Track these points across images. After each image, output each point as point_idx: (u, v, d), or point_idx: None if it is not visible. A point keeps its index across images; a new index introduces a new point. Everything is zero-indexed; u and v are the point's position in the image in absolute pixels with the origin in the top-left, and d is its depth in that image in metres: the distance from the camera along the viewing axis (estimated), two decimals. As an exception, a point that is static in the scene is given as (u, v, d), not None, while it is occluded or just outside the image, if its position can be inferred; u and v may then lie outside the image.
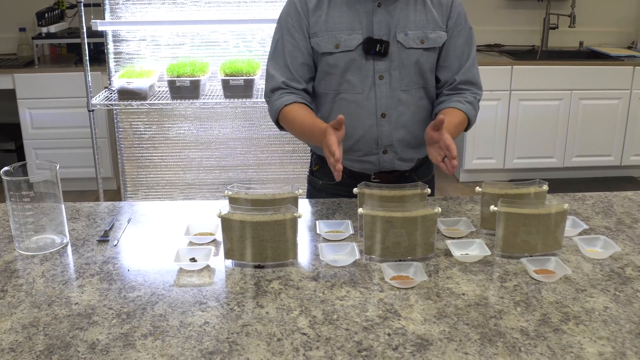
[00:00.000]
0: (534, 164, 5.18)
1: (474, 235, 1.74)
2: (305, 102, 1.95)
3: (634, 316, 1.35)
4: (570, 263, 1.59)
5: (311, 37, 1.93)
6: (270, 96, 1.99)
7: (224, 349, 1.23)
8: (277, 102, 1.95)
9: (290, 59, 1.95)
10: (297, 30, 1.94)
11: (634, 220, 1.87)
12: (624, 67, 5.03)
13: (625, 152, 5.22)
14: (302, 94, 1.97)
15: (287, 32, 1.95)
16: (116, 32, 3.62)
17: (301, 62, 1.95)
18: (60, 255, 1.63)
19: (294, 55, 1.95)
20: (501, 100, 4.98)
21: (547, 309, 1.38)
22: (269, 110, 2.02)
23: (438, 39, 1.94)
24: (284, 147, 3.79)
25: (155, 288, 1.46)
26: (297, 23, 1.94)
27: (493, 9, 5.54)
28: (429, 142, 1.80)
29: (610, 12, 5.67)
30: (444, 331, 1.29)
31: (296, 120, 1.91)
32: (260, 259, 1.55)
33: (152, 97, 3.56)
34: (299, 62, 1.95)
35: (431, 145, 1.78)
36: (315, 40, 1.93)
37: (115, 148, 3.88)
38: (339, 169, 1.60)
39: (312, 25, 1.93)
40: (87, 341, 1.26)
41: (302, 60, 1.95)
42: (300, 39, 1.94)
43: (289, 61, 1.95)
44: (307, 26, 1.93)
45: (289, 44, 1.95)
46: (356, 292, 1.44)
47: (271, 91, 1.98)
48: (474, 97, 2.00)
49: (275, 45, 1.99)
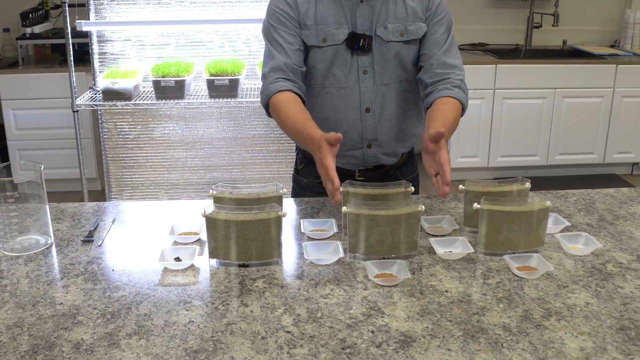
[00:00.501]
0: (518, 162, 5.22)
1: (457, 233, 1.76)
2: (300, 92, 1.90)
3: (614, 312, 1.37)
4: (552, 260, 1.60)
5: (302, 29, 1.94)
6: (267, 77, 1.92)
7: (209, 347, 1.24)
8: (271, 86, 1.90)
9: (287, 45, 1.92)
10: (289, 20, 1.93)
11: (615, 217, 1.89)
12: (606, 66, 5.07)
13: (608, 150, 5.27)
14: (298, 82, 1.92)
15: (279, 22, 1.94)
16: (101, 32, 3.62)
17: (296, 49, 1.93)
18: (45, 256, 1.63)
19: (289, 41, 1.92)
20: (485, 99, 5.01)
21: (529, 305, 1.39)
22: (261, 91, 1.95)
23: (418, 31, 1.95)
24: (268, 147, 3.80)
25: (139, 288, 1.47)
26: (288, 14, 1.93)
27: (477, 8, 5.57)
28: (425, 150, 1.71)
29: (593, 11, 5.72)
30: (427, 328, 1.30)
31: (288, 117, 1.84)
32: (245, 258, 1.56)
33: (136, 98, 3.56)
34: (295, 48, 1.93)
35: (427, 154, 1.69)
36: (304, 33, 1.93)
37: (100, 148, 3.87)
38: (338, 200, 1.56)
39: (302, 18, 1.93)
40: (71, 341, 1.26)
41: (297, 47, 1.93)
42: (293, 28, 1.93)
43: (286, 47, 1.92)
44: (297, 17, 1.93)
45: (283, 32, 1.93)
46: (340, 290, 1.45)
47: (270, 70, 1.92)
48: (459, 79, 1.95)
49: (271, 36, 1.95)
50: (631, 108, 5.18)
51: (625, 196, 2.05)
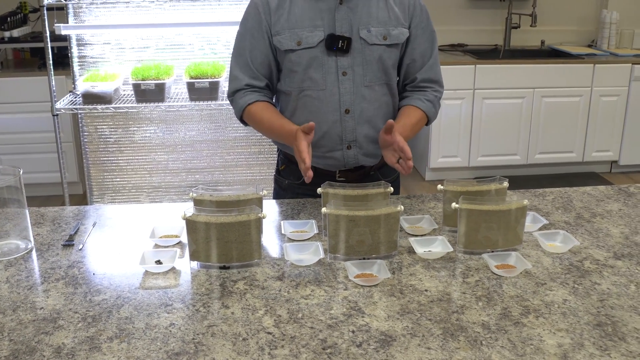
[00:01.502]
0: (498, 161, 5.25)
1: (436, 232, 1.77)
2: (267, 99, 2.02)
3: (592, 308, 1.39)
4: (530, 258, 1.62)
5: (273, 35, 1.95)
6: (232, 97, 2.05)
7: (190, 349, 1.24)
8: (240, 101, 2.01)
9: (251, 58, 1.99)
10: (257, 30, 1.96)
11: (592, 214, 1.91)
12: (584, 65, 5.12)
13: (587, 149, 5.32)
14: (264, 91, 2.03)
15: (248, 32, 1.99)
16: (80, 35, 3.60)
17: (260, 62, 1.99)
18: (25, 261, 1.62)
19: (254, 54, 1.98)
20: (465, 99, 5.04)
21: (508, 303, 1.41)
22: (234, 109, 2.07)
23: (400, 36, 1.98)
24: (250, 149, 3.80)
25: (120, 291, 1.47)
26: (257, 23, 1.96)
27: (456, 9, 5.61)
28: (383, 146, 1.89)
29: (570, 11, 5.77)
30: (407, 327, 1.32)
31: (264, 121, 1.98)
32: (226, 260, 1.56)
33: (117, 101, 3.55)
34: (259, 61, 1.99)
35: (385, 148, 1.87)
36: (277, 39, 1.94)
37: (81, 152, 3.86)
38: (309, 176, 1.72)
39: (274, 24, 1.95)
40: (52, 345, 1.26)
41: (261, 59, 1.99)
42: (260, 39, 1.96)
43: (249, 60, 1.99)
44: (268, 26, 1.95)
45: (249, 44, 1.98)
46: (321, 290, 1.46)
47: (233, 93, 2.04)
48: (435, 95, 2.07)
49: (237, 45, 2.03)
50: (609, 107, 5.24)
51: (602, 194, 2.08)
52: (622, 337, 1.28)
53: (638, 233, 1.78)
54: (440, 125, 5.04)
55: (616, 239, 1.75)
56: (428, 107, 2.04)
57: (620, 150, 5.39)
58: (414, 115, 2.01)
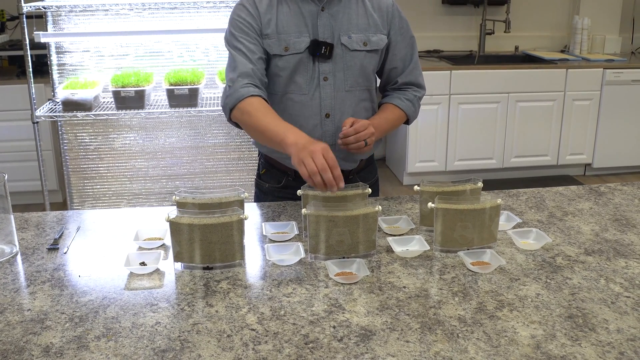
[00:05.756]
0: (475, 165, 5.32)
1: (413, 232, 1.82)
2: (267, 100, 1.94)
3: (563, 301, 1.44)
4: (504, 255, 1.68)
5: (263, 39, 1.98)
6: (236, 81, 1.93)
7: (176, 346, 1.28)
8: (242, 89, 1.90)
9: (250, 53, 1.95)
10: (250, 29, 1.97)
11: (564, 213, 1.97)
12: (557, 70, 5.22)
13: (561, 152, 5.41)
14: (264, 90, 1.97)
15: (241, 31, 1.97)
16: (59, 43, 3.62)
17: (258, 57, 1.96)
18: (11, 265, 1.65)
19: (252, 50, 1.95)
20: (441, 104, 5.11)
21: (483, 297, 1.46)
22: (226, 96, 1.95)
23: (380, 42, 2.03)
24: (229, 155, 3.83)
25: (106, 292, 1.50)
26: (249, 23, 1.97)
27: (431, 15, 5.68)
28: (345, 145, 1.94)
29: (543, 18, 5.87)
30: (386, 322, 1.36)
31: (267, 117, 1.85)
32: (209, 260, 1.60)
33: (97, 108, 3.56)
34: (257, 57, 1.96)
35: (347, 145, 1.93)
36: (266, 42, 1.97)
37: (61, 160, 3.86)
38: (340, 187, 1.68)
39: (264, 27, 1.97)
40: (40, 345, 1.29)
41: (259, 55, 1.96)
42: (255, 37, 1.97)
43: (249, 55, 1.95)
44: (259, 27, 1.97)
45: (245, 41, 1.96)
46: (302, 288, 1.50)
47: (240, 76, 1.93)
48: (415, 95, 2.14)
49: (234, 45, 1.97)
50: (582, 111, 5.33)
51: (574, 193, 2.14)
52: (592, 328, 1.33)
53: (608, 230, 1.84)
54: (417, 130, 5.11)
55: (587, 236, 1.81)
56: (407, 106, 2.10)
57: (593, 153, 5.49)
58: (391, 111, 2.09)
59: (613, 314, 1.39)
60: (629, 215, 1.96)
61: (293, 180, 2.08)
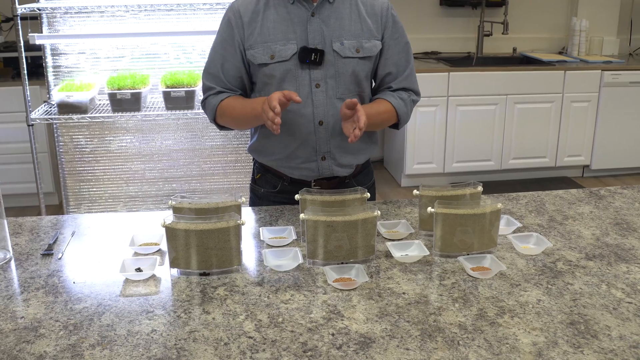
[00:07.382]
0: (473, 167, 5.31)
1: (413, 236, 1.80)
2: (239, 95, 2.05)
3: (565, 307, 1.42)
4: (505, 260, 1.66)
5: (247, 49, 1.96)
6: (205, 101, 2.07)
7: (172, 355, 1.26)
8: (213, 100, 2.03)
9: (223, 72, 2.00)
10: (229, 44, 1.98)
11: (564, 217, 1.95)
12: (555, 72, 5.20)
13: (560, 153, 5.40)
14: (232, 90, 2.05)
15: (220, 46, 2.00)
16: (54, 45, 3.59)
17: (233, 75, 2.01)
18: (4, 270, 1.63)
19: (226, 67, 2.00)
20: (439, 106, 5.09)
21: (484, 304, 1.44)
22: (207, 112, 2.09)
23: (373, 48, 1.99)
24: (226, 157, 3.81)
25: (101, 299, 1.48)
26: (230, 37, 1.98)
27: (429, 17, 5.67)
28: (343, 118, 1.90)
29: (541, 19, 5.86)
30: (385, 329, 1.34)
31: (236, 109, 1.99)
32: (206, 266, 1.58)
33: (92, 110, 3.54)
34: (231, 75, 2.01)
35: (346, 120, 1.90)
36: (250, 53, 1.96)
37: (56, 162, 3.84)
38: (277, 123, 1.72)
39: (247, 38, 1.96)
40: (34, 354, 1.27)
41: (233, 73, 2.00)
42: (232, 53, 1.98)
43: (222, 74, 2.01)
44: (241, 40, 1.97)
45: (221, 58, 2.00)
46: (300, 295, 1.48)
47: (205, 99, 2.07)
48: (409, 96, 2.08)
49: (210, 59, 2.04)
50: (580, 112, 5.32)
51: (574, 197, 2.12)
52: (594, 335, 1.31)
53: (609, 234, 1.83)
54: (415, 132, 5.09)
55: (588, 240, 1.79)
56: (399, 104, 2.03)
57: (591, 154, 5.48)
58: (382, 105, 2.03)
59: (615, 320, 1.37)
60: (629, 219, 1.94)
61: (289, 185, 2.06)
